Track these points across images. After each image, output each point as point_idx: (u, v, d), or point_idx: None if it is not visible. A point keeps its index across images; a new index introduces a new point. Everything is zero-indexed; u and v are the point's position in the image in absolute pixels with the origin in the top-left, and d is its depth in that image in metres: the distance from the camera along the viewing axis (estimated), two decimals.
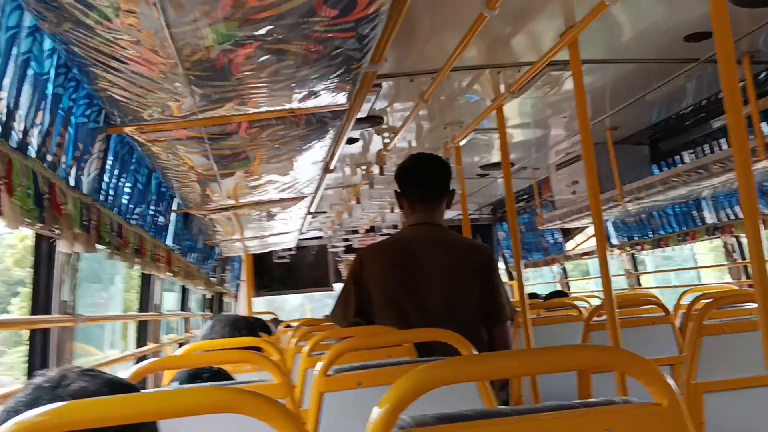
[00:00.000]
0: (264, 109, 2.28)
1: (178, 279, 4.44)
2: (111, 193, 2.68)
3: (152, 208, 3.46)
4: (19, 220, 1.69)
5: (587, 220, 5.34)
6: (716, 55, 1.65)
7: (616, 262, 6.45)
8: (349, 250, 8.30)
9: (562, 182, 5.13)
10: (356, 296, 2.53)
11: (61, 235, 2.00)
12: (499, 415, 0.83)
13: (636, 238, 6.02)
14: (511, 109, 3.66)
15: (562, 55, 2.48)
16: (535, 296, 5.44)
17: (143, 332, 4.20)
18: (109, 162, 2.60)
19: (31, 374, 2.15)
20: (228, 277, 7.60)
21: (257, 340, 2.13)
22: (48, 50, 1.84)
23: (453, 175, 2.67)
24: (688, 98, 3.73)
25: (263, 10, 1.52)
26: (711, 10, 1.62)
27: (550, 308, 4.04)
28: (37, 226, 1.86)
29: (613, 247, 6.27)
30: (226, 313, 6.75)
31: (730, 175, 3.49)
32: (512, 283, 7.97)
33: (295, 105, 2.30)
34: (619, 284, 6.44)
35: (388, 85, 3.05)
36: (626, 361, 0.86)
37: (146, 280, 4.16)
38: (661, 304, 3.08)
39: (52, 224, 1.93)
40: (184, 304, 5.68)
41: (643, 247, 5.91)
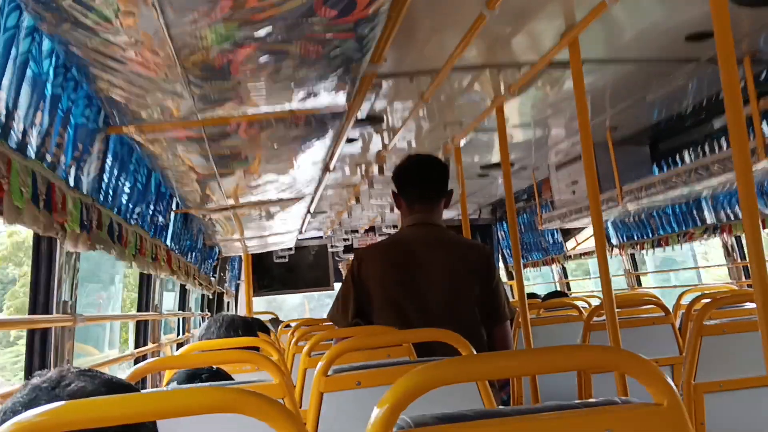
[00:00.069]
0: (263, 110, 2.28)
1: (178, 279, 4.44)
2: (110, 193, 2.67)
3: (152, 207, 3.46)
4: (20, 219, 1.69)
5: (587, 220, 5.34)
6: (717, 55, 1.65)
7: (615, 262, 6.45)
8: (349, 249, 8.30)
9: (562, 182, 5.13)
10: (355, 296, 2.52)
11: (61, 235, 2.00)
12: (499, 415, 0.83)
13: (636, 238, 6.02)
14: (511, 109, 3.65)
15: (562, 55, 2.48)
16: (533, 296, 5.43)
17: (142, 332, 4.19)
18: (109, 162, 2.60)
19: (29, 374, 2.14)
20: (227, 277, 7.60)
21: (257, 340, 2.13)
22: (47, 51, 1.84)
23: (451, 175, 2.67)
24: (688, 98, 3.73)
25: (262, 10, 1.52)
26: (711, 9, 1.62)
27: (550, 308, 4.04)
28: (37, 225, 1.86)
29: (612, 247, 6.26)
30: (222, 313, 6.74)
31: (730, 176, 3.48)
32: (511, 282, 7.98)
33: (295, 105, 2.29)
34: (619, 284, 6.44)
35: (388, 85, 3.04)
36: (626, 361, 0.86)
37: (146, 280, 4.15)
38: (660, 304, 3.08)
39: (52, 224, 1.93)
40: (183, 304, 5.67)
41: (643, 247, 5.90)
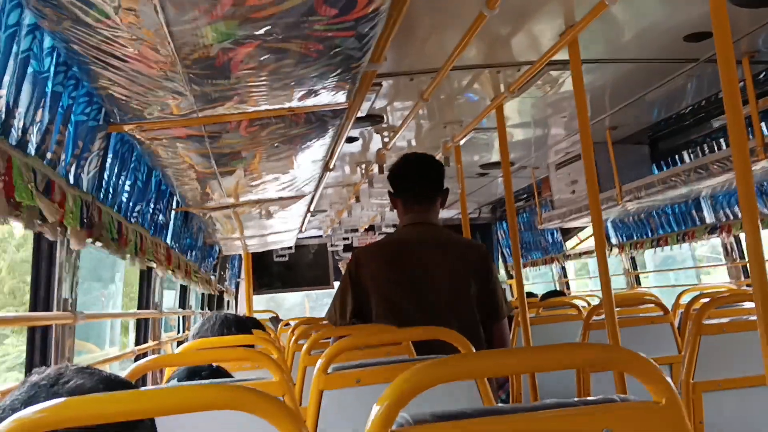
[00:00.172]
0: (263, 108, 2.28)
1: (178, 277, 4.44)
2: (111, 190, 2.68)
3: (152, 206, 3.46)
4: (26, 219, 1.69)
5: (586, 220, 5.34)
6: (716, 55, 1.65)
7: (615, 261, 6.45)
8: (349, 248, 8.31)
9: (562, 181, 5.13)
10: (353, 296, 2.52)
11: (62, 233, 2.01)
12: (497, 413, 0.83)
13: (635, 237, 6.02)
14: (511, 109, 3.66)
15: (562, 55, 2.48)
16: (530, 295, 5.42)
17: (143, 330, 4.20)
18: (109, 160, 2.60)
19: (29, 371, 2.15)
20: (228, 275, 7.60)
21: (256, 338, 2.13)
22: (48, 48, 1.84)
23: (451, 174, 2.67)
24: (687, 98, 3.73)
25: (263, 8, 1.52)
26: (711, 10, 1.62)
27: (549, 307, 4.04)
28: (37, 223, 1.86)
29: (612, 246, 6.26)
30: (215, 311, 6.74)
31: (730, 175, 3.49)
32: (511, 282, 7.97)
33: (295, 104, 2.29)
34: (619, 284, 6.44)
35: (388, 84, 3.04)
36: (626, 360, 0.86)
37: (146, 278, 4.15)
38: (660, 304, 3.08)
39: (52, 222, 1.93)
40: (184, 302, 5.67)
41: (642, 246, 5.90)
